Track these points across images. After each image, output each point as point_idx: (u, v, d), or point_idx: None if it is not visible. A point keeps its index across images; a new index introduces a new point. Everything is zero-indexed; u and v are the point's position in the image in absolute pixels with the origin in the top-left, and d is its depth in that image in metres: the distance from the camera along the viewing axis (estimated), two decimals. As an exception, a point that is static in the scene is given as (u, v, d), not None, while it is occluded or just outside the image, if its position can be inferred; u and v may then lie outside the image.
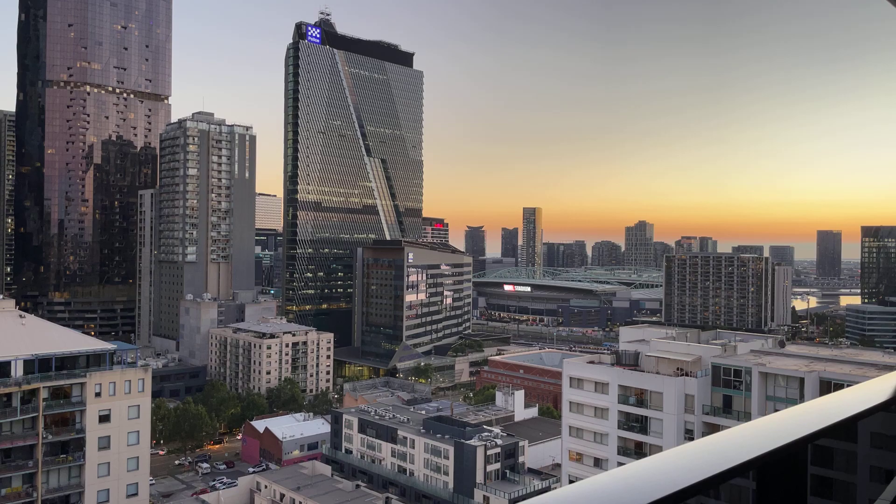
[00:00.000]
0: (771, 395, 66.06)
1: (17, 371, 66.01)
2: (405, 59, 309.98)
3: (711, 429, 66.94)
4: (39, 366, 67.75)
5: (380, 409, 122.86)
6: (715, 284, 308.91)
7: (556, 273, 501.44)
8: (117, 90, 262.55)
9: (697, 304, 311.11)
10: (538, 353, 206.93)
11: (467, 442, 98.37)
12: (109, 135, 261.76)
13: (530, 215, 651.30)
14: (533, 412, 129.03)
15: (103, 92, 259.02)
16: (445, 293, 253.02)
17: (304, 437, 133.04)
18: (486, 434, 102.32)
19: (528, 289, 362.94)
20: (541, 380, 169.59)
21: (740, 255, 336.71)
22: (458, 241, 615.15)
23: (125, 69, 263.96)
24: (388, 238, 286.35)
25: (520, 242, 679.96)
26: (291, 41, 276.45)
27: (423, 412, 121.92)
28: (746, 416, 65.09)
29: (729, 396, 68.27)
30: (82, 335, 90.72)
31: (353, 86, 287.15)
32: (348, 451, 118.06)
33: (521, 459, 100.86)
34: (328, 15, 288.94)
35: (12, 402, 64.86)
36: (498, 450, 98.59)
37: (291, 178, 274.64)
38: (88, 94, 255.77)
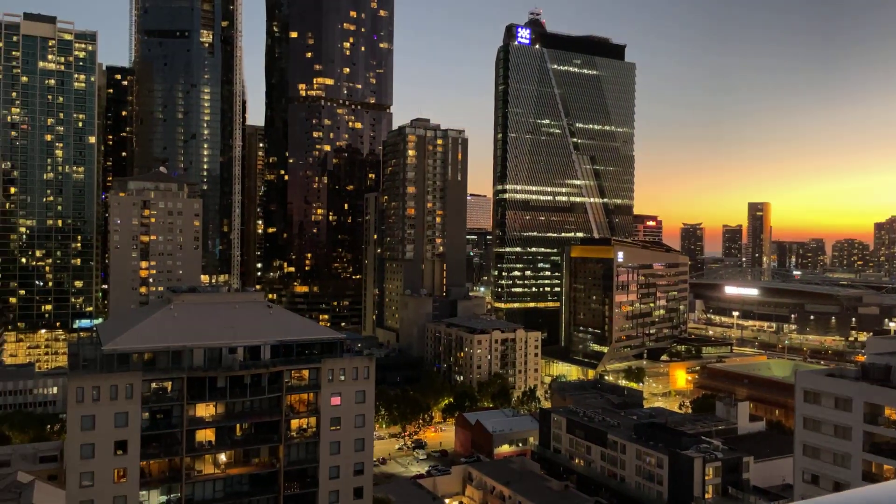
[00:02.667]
0: None
1: (266, 355, 75.10)
2: (616, 52, 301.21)
3: None
4: (283, 351, 76.48)
5: (589, 410, 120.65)
6: None
7: (787, 274, 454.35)
8: (347, 102, 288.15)
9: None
10: (765, 362, 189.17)
11: (684, 452, 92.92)
12: (340, 144, 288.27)
13: (757, 211, 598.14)
14: (760, 426, 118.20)
15: (335, 105, 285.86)
16: (658, 294, 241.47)
17: (514, 432, 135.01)
18: (704, 446, 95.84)
19: (754, 291, 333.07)
20: (768, 392, 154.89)
21: None
22: (672, 239, 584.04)
23: (354, 83, 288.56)
24: (596, 237, 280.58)
25: (744, 241, 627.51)
26: (501, 44, 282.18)
27: (635, 417, 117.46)
28: None
29: None
30: (318, 325, 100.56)
31: (561, 83, 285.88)
32: (556, 451, 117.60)
33: (745, 476, 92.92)
34: (538, 14, 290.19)
35: (261, 382, 73.91)
36: (719, 464, 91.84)
37: (500, 178, 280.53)
38: (323, 107, 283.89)
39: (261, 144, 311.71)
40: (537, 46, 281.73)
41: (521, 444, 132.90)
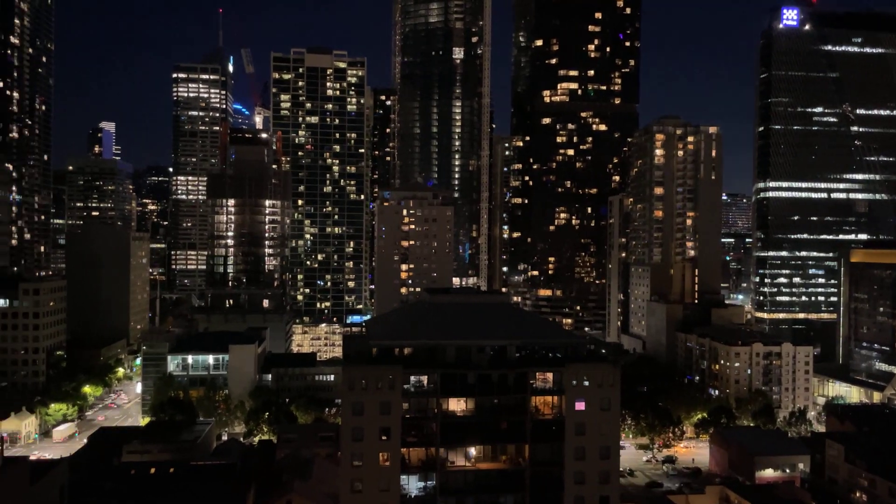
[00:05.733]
0: None
1: (512, 355, 77.18)
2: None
3: None
4: (528, 352, 77.85)
5: (874, 438, 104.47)
6: None
7: None
8: (592, 105, 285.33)
9: None
10: None
11: None
12: (584, 147, 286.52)
13: None
14: None
15: (580, 108, 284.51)
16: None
17: (779, 456, 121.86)
18: None
19: None
20: None
21: None
22: None
23: (599, 85, 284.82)
24: (880, 238, 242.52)
25: None
26: (764, 29, 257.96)
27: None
28: None
29: None
30: (562, 328, 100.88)
31: (837, 65, 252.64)
32: (832, 481, 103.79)
33: None
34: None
35: (507, 381, 76.05)
36: None
37: (761, 175, 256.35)
38: (567, 111, 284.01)
39: (507, 153, 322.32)
40: (807, 27, 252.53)
41: (787, 470, 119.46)
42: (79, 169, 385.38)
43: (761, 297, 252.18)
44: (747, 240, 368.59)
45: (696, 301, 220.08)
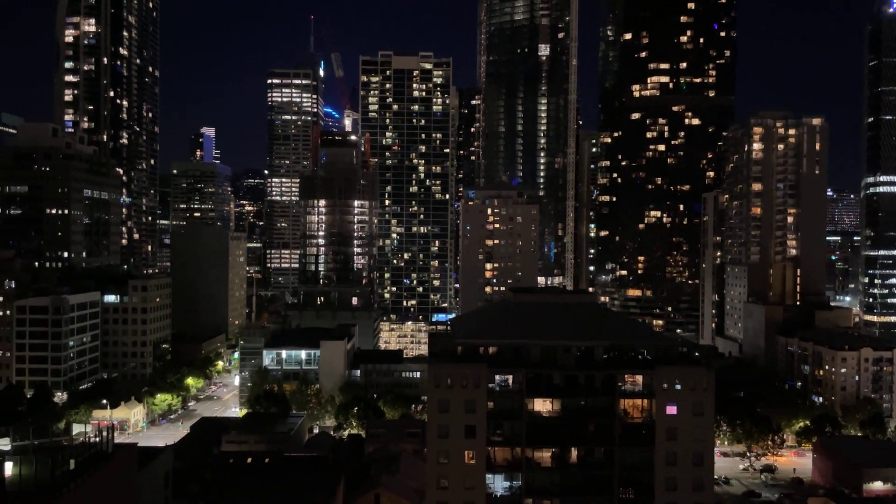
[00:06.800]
0: None
1: (599, 356, 75.61)
2: None
3: None
4: (616, 353, 76.06)
5: None
6: None
7: None
8: (684, 98, 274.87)
9: None
10: None
11: None
12: (675, 143, 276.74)
13: None
14: None
15: (671, 102, 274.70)
16: None
17: (890, 468, 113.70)
18: None
19: None
20: None
21: None
22: None
23: (692, 78, 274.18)
24: None
25: None
26: (872, 13, 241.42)
27: None
28: None
29: None
30: (652, 329, 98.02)
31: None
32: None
33: None
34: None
35: (594, 382, 74.52)
36: None
37: (872, 169, 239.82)
38: (658, 106, 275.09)
39: (594, 150, 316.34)
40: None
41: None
42: (182, 172, 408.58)
43: (870, 299, 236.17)
44: (855, 238, 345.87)
45: (798, 303, 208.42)
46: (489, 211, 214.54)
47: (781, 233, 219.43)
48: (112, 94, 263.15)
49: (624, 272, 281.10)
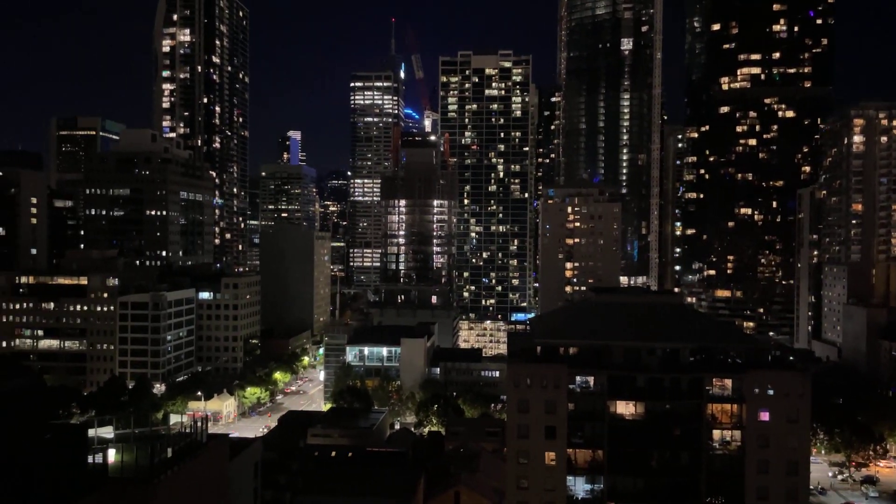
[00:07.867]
0: None
1: (685, 359, 73.21)
2: None
3: None
4: (704, 356, 73.39)
5: None
6: None
7: None
8: (777, 90, 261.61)
9: None
10: None
11: None
12: (767, 137, 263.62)
13: None
14: None
15: (763, 94, 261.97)
16: None
17: None
18: None
19: None
20: None
21: None
22: None
23: (786, 68, 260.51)
24: None
25: None
26: None
27: None
28: None
29: None
30: (741, 332, 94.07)
31: None
32: None
33: None
34: None
35: (680, 386, 72.21)
36: None
37: None
38: (748, 98, 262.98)
39: (679, 145, 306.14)
40: None
41: None
42: (270, 174, 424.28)
43: None
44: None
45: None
46: (569, 209, 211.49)
47: (885, 230, 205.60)
48: (205, 100, 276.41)
49: (712, 272, 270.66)
